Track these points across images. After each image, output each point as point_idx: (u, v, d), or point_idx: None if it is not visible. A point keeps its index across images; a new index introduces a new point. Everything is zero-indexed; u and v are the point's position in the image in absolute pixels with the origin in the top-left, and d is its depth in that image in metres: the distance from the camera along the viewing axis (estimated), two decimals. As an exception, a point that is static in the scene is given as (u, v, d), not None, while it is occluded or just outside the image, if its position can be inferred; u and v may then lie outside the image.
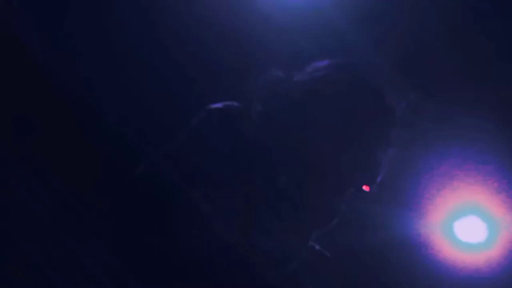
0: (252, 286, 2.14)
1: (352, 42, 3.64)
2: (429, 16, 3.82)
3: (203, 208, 2.14)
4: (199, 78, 3.82)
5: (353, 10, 3.72)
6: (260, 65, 3.32)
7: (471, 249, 5.03)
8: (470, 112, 4.24)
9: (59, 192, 3.57)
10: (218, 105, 2.19)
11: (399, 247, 4.53)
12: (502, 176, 4.58)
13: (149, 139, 3.74)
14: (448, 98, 4.21)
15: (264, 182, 2.18)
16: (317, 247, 2.27)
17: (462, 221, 5.05)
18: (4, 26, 3.54)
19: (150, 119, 3.73)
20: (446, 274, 4.88)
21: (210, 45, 3.83)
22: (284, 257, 2.13)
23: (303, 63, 2.40)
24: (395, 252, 4.55)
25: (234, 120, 2.15)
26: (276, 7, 3.72)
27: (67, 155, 3.64)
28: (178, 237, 2.18)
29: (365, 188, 2.33)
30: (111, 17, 3.63)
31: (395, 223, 4.44)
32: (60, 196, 3.57)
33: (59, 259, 3.56)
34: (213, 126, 2.14)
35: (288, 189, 2.26)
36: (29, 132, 3.61)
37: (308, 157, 2.25)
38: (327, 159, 2.25)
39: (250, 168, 2.14)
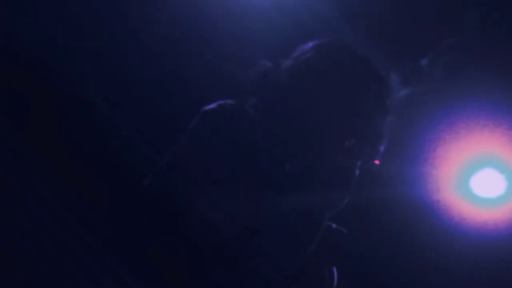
0: (253, 286, 2.14)
1: (335, 20, 3.62)
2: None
3: (204, 207, 2.14)
4: (198, 78, 3.82)
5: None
6: (252, 56, 3.34)
7: (489, 204, 4.65)
8: (479, 67, 4.11)
9: (60, 193, 3.57)
10: (212, 105, 2.19)
11: (411, 206, 4.36)
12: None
13: (151, 139, 3.74)
14: (452, 58, 4.11)
15: (269, 169, 2.17)
16: (334, 225, 2.26)
17: (478, 175, 4.64)
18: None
19: (149, 120, 3.73)
20: (462, 232, 4.53)
21: (206, 43, 3.82)
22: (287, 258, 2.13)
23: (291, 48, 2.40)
24: (407, 210, 4.35)
25: (229, 118, 2.14)
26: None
27: (68, 155, 3.64)
28: (178, 237, 2.19)
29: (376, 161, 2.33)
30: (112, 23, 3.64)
31: (406, 180, 4.25)
32: (61, 196, 3.57)
33: (59, 259, 3.57)
34: (210, 127, 2.14)
35: (295, 173, 2.26)
36: (32, 133, 3.61)
37: (310, 140, 2.25)
38: (329, 137, 2.24)
39: (253, 162, 2.14)
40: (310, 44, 2.32)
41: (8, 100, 3.63)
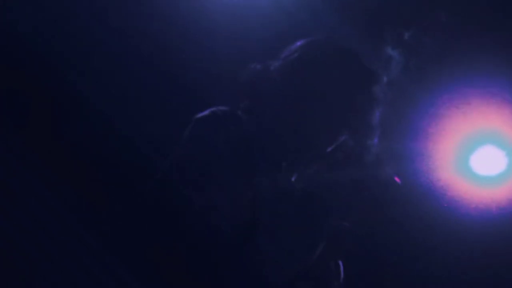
0: (253, 286, 2.14)
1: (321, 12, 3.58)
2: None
3: (204, 208, 2.15)
4: (196, 81, 3.82)
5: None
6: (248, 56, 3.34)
7: (490, 182, 4.42)
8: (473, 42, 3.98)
9: (60, 193, 3.57)
10: (205, 112, 2.19)
11: (409, 184, 4.14)
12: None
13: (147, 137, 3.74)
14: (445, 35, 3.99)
15: (266, 171, 2.18)
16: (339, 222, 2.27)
17: (477, 153, 4.44)
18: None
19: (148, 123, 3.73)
20: (463, 212, 4.34)
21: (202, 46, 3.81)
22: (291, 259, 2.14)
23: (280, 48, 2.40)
24: (405, 189, 4.12)
25: (222, 124, 2.15)
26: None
27: (68, 155, 3.65)
28: (178, 237, 2.19)
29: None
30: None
31: (404, 158, 4.06)
32: (61, 196, 3.57)
33: (59, 259, 3.57)
34: (203, 134, 2.14)
35: (291, 171, 2.27)
36: (32, 133, 3.61)
37: (305, 137, 2.25)
38: (324, 136, 2.25)
39: (250, 167, 2.14)
40: (298, 43, 2.33)
41: (8, 100, 3.63)
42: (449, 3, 3.87)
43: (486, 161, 4.42)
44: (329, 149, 2.26)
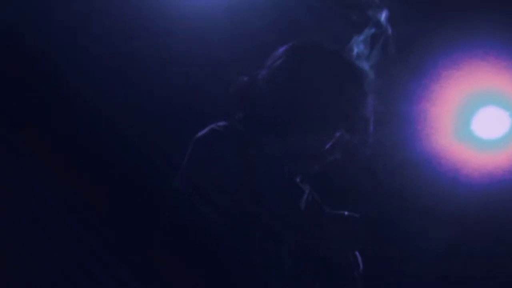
0: (253, 286, 2.15)
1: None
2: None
3: (204, 209, 2.15)
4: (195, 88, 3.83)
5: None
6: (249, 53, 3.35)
7: (492, 146, 4.11)
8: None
9: (60, 193, 3.58)
10: (204, 131, 2.21)
11: (410, 150, 3.97)
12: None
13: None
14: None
15: (268, 179, 2.20)
16: (346, 213, 2.29)
17: (479, 115, 4.09)
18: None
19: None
20: (465, 179, 4.05)
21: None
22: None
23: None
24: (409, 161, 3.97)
25: (223, 140, 2.17)
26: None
27: (68, 156, 3.65)
28: (178, 237, 2.19)
29: None
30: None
31: (402, 119, 3.89)
32: (61, 196, 3.58)
33: (59, 259, 3.57)
34: (205, 154, 2.16)
35: (294, 174, 2.29)
36: (33, 133, 3.62)
37: (302, 141, 2.27)
38: (319, 134, 2.27)
39: (254, 180, 2.16)
40: (280, 49, 2.36)
41: (8, 100, 3.64)
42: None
43: (488, 124, 4.11)
44: (327, 147, 2.27)
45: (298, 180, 2.30)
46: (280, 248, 2.14)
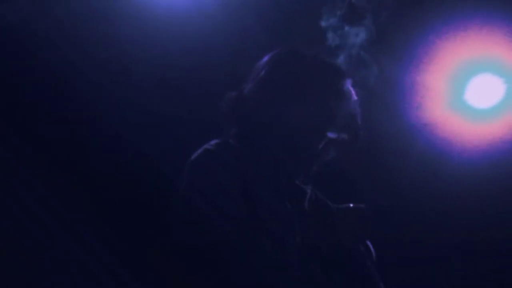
0: (253, 285, 2.16)
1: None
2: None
3: (204, 210, 2.17)
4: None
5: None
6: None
7: (486, 116, 3.95)
8: None
9: (60, 193, 3.58)
10: (199, 151, 2.24)
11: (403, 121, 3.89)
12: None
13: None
14: None
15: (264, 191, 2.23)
16: (351, 205, 2.32)
17: (472, 83, 3.91)
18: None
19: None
20: (458, 151, 3.92)
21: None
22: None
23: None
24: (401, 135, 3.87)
25: (216, 158, 2.21)
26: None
27: (68, 156, 3.66)
28: (179, 237, 2.20)
29: None
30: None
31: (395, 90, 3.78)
32: (61, 196, 3.58)
33: (59, 259, 3.57)
34: (202, 176, 2.19)
35: (293, 177, 2.32)
36: (33, 134, 3.62)
37: (295, 146, 2.31)
38: (311, 136, 2.31)
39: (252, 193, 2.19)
40: (261, 61, 2.40)
41: (9, 100, 3.64)
42: None
43: (482, 92, 3.95)
44: (321, 147, 2.31)
45: (299, 182, 2.33)
46: (288, 251, 2.16)
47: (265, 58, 2.41)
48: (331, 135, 2.34)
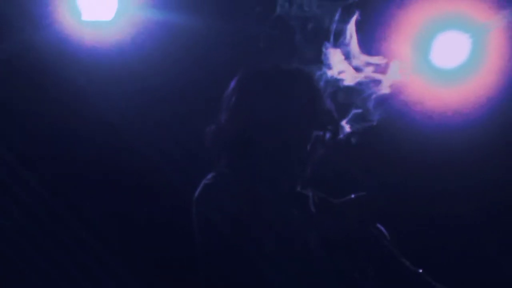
0: (252, 285, 2.16)
1: None
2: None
3: (205, 211, 2.18)
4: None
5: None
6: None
7: (453, 76, 3.71)
8: None
9: (60, 193, 3.58)
10: (199, 191, 2.29)
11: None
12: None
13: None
14: None
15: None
16: (353, 195, 2.36)
17: (438, 41, 3.68)
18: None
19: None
20: (425, 117, 3.74)
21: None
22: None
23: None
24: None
25: (217, 191, 2.26)
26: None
27: (68, 156, 3.66)
28: (179, 238, 2.21)
29: None
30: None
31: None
32: (61, 196, 3.58)
33: (59, 259, 3.57)
34: (208, 212, 2.24)
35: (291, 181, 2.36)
36: (33, 134, 3.63)
37: (286, 154, 2.36)
38: (298, 141, 2.37)
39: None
40: (229, 88, 2.45)
41: (9, 100, 3.65)
42: None
43: (447, 51, 3.70)
44: (308, 147, 2.37)
45: (299, 189, 2.36)
46: (303, 253, 2.19)
47: (231, 85, 2.46)
48: (315, 133, 2.39)
